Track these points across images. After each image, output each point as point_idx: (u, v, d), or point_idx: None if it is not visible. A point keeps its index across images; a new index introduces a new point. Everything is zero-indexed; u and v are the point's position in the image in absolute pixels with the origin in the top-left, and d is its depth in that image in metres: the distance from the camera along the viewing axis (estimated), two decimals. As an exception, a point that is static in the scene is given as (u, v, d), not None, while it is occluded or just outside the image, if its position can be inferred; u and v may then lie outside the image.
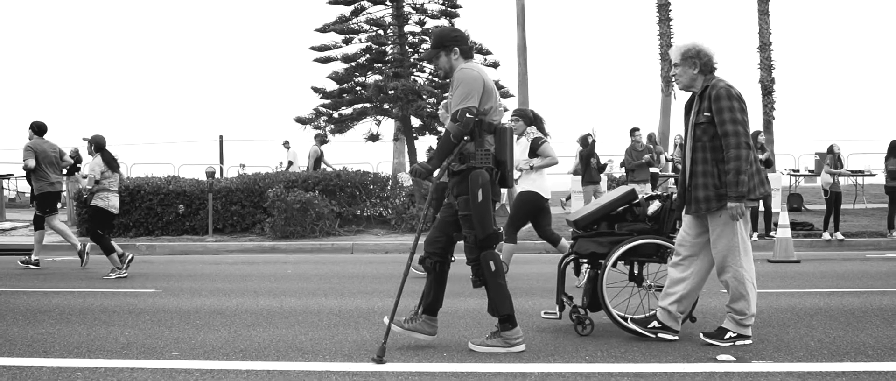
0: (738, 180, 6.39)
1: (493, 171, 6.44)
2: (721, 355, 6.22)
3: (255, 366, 6.03)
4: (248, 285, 10.93)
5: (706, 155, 6.62)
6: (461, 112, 6.24)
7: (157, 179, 19.69)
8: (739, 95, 6.57)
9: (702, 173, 6.63)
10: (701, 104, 6.67)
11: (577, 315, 7.26)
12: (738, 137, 6.42)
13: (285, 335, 7.22)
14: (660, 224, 7.24)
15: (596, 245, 7.20)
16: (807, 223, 18.32)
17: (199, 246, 17.30)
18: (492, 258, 6.43)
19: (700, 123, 6.63)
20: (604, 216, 7.36)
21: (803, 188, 26.32)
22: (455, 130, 6.27)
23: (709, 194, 6.58)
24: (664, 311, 6.84)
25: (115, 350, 6.65)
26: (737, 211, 6.46)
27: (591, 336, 7.02)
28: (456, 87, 6.38)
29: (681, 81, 6.79)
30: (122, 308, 8.85)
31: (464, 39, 6.67)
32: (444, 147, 6.37)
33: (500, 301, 6.45)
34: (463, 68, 6.44)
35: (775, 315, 8.04)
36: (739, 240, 6.61)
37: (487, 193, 6.30)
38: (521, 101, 30.19)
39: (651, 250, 7.19)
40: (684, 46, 6.77)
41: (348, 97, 22.66)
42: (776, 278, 11.21)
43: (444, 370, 5.87)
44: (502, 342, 6.46)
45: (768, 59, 31.11)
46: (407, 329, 6.62)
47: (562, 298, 7.53)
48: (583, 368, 5.88)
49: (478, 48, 22.41)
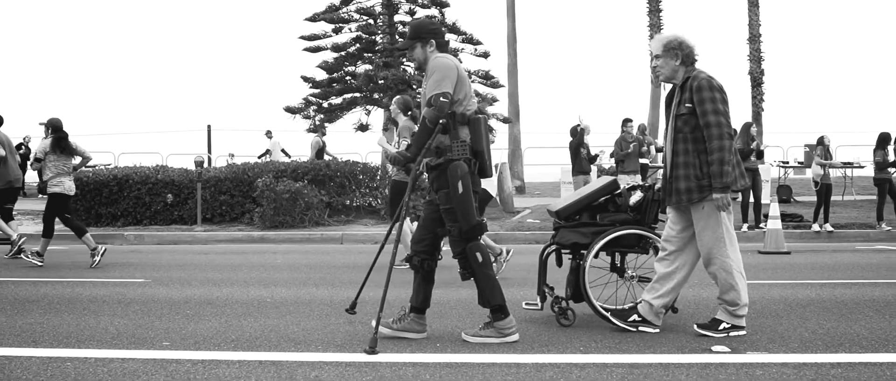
0: (722, 171, 6.38)
1: (471, 161, 6.41)
2: (715, 346, 6.19)
3: (247, 356, 5.98)
4: (238, 275, 10.88)
5: (687, 146, 6.59)
6: (435, 97, 6.23)
7: (145, 169, 19.59)
8: (720, 86, 6.55)
9: (683, 165, 6.60)
10: (682, 95, 6.64)
11: (559, 307, 7.22)
12: (721, 128, 6.40)
13: (277, 326, 7.16)
14: (642, 215, 7.20)
15: (578, 235, 7.16)
16: (796, 215, 18.33)
17: (187, 236, 17.22)
18: (478, 249, 6.39)
19: (681, 114, 6.60)
20: (586, 207, 7.31)
21: (792, 180, 26.34)
22: (430, 114, 6.26)
23: (690, 185, 6.55)
24: (647, 305, 6.80)
25: (105, 340, 6.59)
26: (722, 202, 6.44)
27: (584, 327, 6.98)
28: (430, 74, 6.38)
29: (663, 73, 6.76)
30: (112, 298, 8.78)
31: (440, 33, 6.71)
32: (422, 133, 6.36)
33: (490, 292, 6.41)
34: (437, 57, 6.47)
35: (768, 306, 8.02)
36: (724, 231, 6.58)
37: (467, 184, 6.29)
38: (510, 90, 30.21)
39: (633, 240, 7.15)
40: (666, 38, 6.75)
41: (338, 87, 22.64)
42: (768, 269, 11.20)
43: (437, 360, 5.83)
44: (496, 333, 6.42)
45: (758, 50, 31.23)
46: (396, 330, 6.57)
47: (543, 289, 7.48)
48: (577, 359, 5.84)
49: (468, 38, 22.40)
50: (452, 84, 6.32)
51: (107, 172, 19.48)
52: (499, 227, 17.96)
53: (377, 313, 6.39)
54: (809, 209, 18.66)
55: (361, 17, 22.36)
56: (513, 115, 29.56)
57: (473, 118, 6.45)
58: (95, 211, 18.79)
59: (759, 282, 9.80)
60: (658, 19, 31.67)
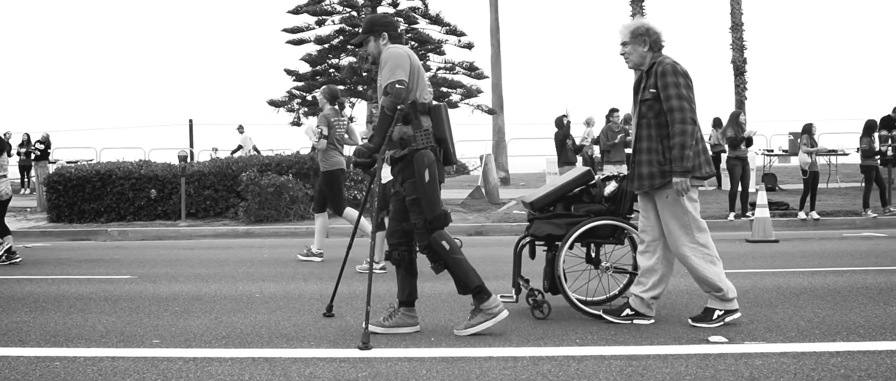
0: (682, 155, 6.35)
1: (436, 150, 6.39)
2: (713, 336, 6.14)
3: (240, 353, 5.89)
4: (225, 270, 10.77)
5: (650, 132, 6.57)
6: (390, 85, 6.20)
7: (128, 164, 19.42)
8: (685, 71, 6.52)
9: (646, 150, 6.58)
10: (647, 81, 6.62)
11: (533, 299, 7.15)
12: (683, 113, 6.37)
13: (268, 321, 7.08)
14: (616, 205, 7.14)
15: (552, 227, 7.10)
16: (782, 203, 18.32)
17: (172, 231, 17.09)
18: (443, 238, 6.34)
19: (645, 99, 6.58)
20: (560, 198, 7.26)
21: (777, 168, 26.38)
22: (388, 102, 6.23)
23: (653, 170, 6.53)
24: (637, 298, 6.75)
25: (94, 338, 6.49)
26: (681, 186, 6.39)
27: (579, 319, 6.91)
28: (383, 64, 6.34)
29: (631, 60, 6.72)
30: (99, 295, 8.67)
31: (394, 26, 6.71)
32: (383, 122, 6.32)
33: (465, 277, 6.36)
34: (389, 48, 6.45)
35: (762, 295, 7.99)
36: (690, 218, 6.53)
37: (434, 173, 6.29)
38: (494, 81, 30.11)
39: (608, 231, 7.10)
40: (633, 25, 6.71)
41: (322, 79, 22.51)
42: (758, 257, 11.17)
43: (433, 355, 5.77)
44: (484, 316, 6.35)
45: (740, 39, 31.23)
46: (388, 327, 6.49)
47: (518, 281, 7.42)
48: (575, 351, 5.78)
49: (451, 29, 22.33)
50: (406, 72, 6.30)
51: (89, 168, 19.30)
52: (485, 219, 17.90)
53: (365, 307, 6.30)
54: (794, 197, 18.67)
55: (345, 8, 22.25)
56: (497, 106, 29.47)
57: (434, 106, 6.45)
58: (78, 207, 18.61)
59: (751, 271, 9.77)
60: (640, 8, 31.54)
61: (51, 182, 18.82)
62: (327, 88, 11.66)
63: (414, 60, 6.44)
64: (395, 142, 6.38)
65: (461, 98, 22.17)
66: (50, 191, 18.78)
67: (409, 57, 6.41)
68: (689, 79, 6.50)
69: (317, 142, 11.23)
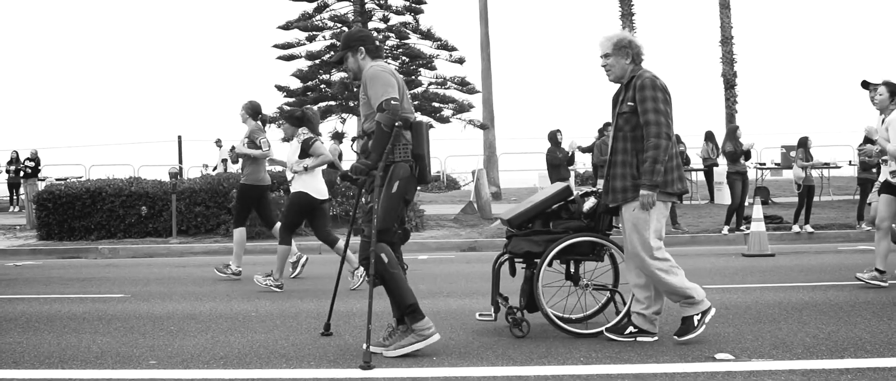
0: (653, 169, 6.29)
1: (412, 165, 6.33)
2: (719, 353, 6.05)
3: (239, 374, 5.77)
4: (218, 288, 10.65)
5: (626, 145, 6.52)
6: (386, 101, 6.12)
7: (118, 181, 19.29)
8: (664, 86, 6.47)
9: (621, 163, 6.53)
10: (626, 94, 6.56)
11: (513, 317, 7.03)
12: (659, 127, 6.31)
13: (265, 341, 6.96)
14: (596, 222, 7.03)
15: (530, 244, 6.99)
16: (776, 216, 18.31)
17: (163, 248, 16.96)
18: (383, 250, 6.21)
19: (623, 112, 6.53)
20: (538, 214, 7.14)
21: (769, 181, 26.38)
22: (385, 119, 6.13)
23: (626, 183, 6.48)
24: (639, 316, 6.67)
25: (89, 360, 6.36)
26: (647, 199, 6.33)
27: (584, 338, 6.81)
28: (370, 83, 6.28)
29: (614, 72, 6.65)
30: (92, 315, 8.54)
31: (370, 39, 6.65)
32: (381, 139, 6.19)
33: (400, 294, 6.24)
34: (372, 66, 6.38)
35: (764, 311, 7.90)
36: (651, 233, 6.45)
37: (403, 188, 6.25)
38: (485, 96, 30.06)
39: (587, 248, 6.99)
40: (616, 37, 6.65)
41: (313, 95, 22.42)
42: (755, 272, 11.11)
43: (436, 374, 5.65)
44: (416, 337, 6.22)
45: (730, 53, 31.33)
46: (395, 349, 6.35)
47: (497, 298, 7.31)
48: (580, 370, 5.68)
49: (443, 44, 22.27)
50: (395, 89, 6.26)
51: (79, 185, 19.17)
52: (478, 234, 17.83)
53: (366, 326, 6.19)
54: (787, 211, 18.66)
55: (335, 24, 22.19)
56: (488, 120, 29.40)
57: (416, 123, 6.40)
58: (68, 224, 18.46)
59: (750, 286, 9.70)
60: (631, 23, 31.60)
61: (40, 199, 18.67)
62: (249, 103, 11.58)
63: (397, 77, 6.41)
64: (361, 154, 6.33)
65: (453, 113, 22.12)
66: (39, 208, 18.63)
67: (393, 74, 6.37)
68: (667, 94, 6.45)
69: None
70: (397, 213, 6.31)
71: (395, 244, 6.51)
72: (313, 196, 10.41)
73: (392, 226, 6.27)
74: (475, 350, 6.41)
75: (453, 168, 36.77)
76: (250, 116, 11.52)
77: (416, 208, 19.30)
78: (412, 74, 21.74)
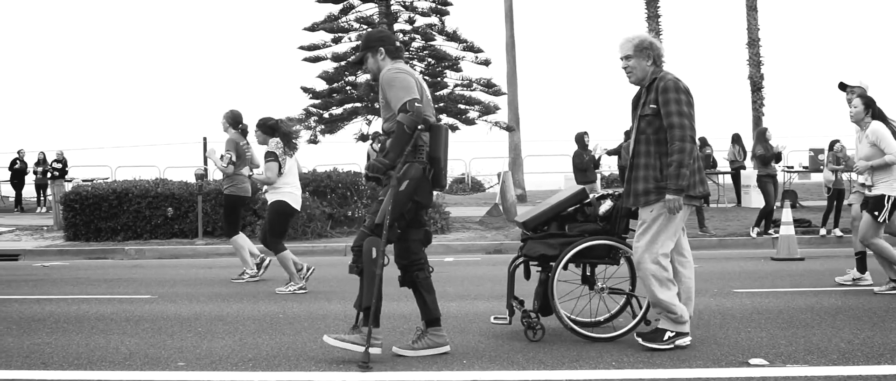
0: (679, 173, 6.19)
1: (426, 168, 6.25)
2: (753, 359, 5.97)
3: (268, 377, 5.75)
4: (245, 289, 10.65)
5: (649, 148, 6.43)
6: (410, 102, 6.05)
7: (144, 182, 19.34)
8: (687, 88, 6.38)
9: (643, 166, 6.43)
10: (647, 96, 6.47)
11: (527, 320, 6.96)
12: (684, 130, 6.23)
13: (293, 343, 6.92)
14: (612, 225, 6.95)
15: (546, 247, 6.93)
16: (804, 220, 18.13)
17: (188, 250, 16.99)
18: (374, 245, 6.14)
19: (645, 115, 6.43)
20: (554, 217, 7.08)
21: (797, 184, 26.18)
22: (408, 120, 6.05)
23: (649, 186, 6.38)
24: (670, 320, 6.57)
25: (118, 361, 6.35)
26: (674, 204, 6.24)
27: (614, 342, 6.74)
28: (389, 86, 6.22)
29: (635, 74, 6.56)
30: (120, 316, 8.54)
31: (390, 40, 6.60)
32: (401, 139, 6.13)
33: (368, 292, 6.16)
34: (390, 69, 6.31)
35: (796, 316, 7.81)
36: (662, 240, 6.37)
37: (412, 188, 6.16)
38: (510, 98, 29.99)
39: (603, 251, 6.91)
40: (637, 38, 6.56)
41: (338, 97, 22.41)
42: (785, 276, 10.99)
43: (465, 378, 5.62)
44: (361, 339, 6.14)
45: (757, 55, 31.12)
46: (418, 350, 6.33)
47: (511, 302, 7.21)
48: (613, 374, 5.62)
49: (469, 46, 22.23)
50: (416, 91, 6.18)
51: (106, 187, 19.24)
52: (504, 236, 17.78)
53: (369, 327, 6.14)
54: (816, 214, 18.47)
55: (361, 25, 22.16)
56: (513, 122, 29.31)
57: (435, 126, 6.33)
58: (95, 225, 18.51)
59: (782, 290, 9.59)
60: (657, 25, 31.45)
61: (68, 200, 18.74)
62: (230, 112, 11.66)
63: (417, 79, 6.36)
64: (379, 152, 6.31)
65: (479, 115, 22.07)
66: (67, 209, 18.70)
67: (413, 76, 6.32)
68: (690, 96, 6.37)
69: (223, 167, 11.31)
70: (399, 213, 6.22)
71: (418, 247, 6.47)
72: (292, 204, 10.65)
73: (392, 224, 6.18)
74: (505, 354, 6.35)
75: (478, 170, 36.71)
76: (231, 126, 11.61)
77: (441, 209, 19.27)
78: (438, 76, 21.69)
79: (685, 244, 6.68)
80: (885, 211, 9.07)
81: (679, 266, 6.61)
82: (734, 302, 8.66)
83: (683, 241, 6.67)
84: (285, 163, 10.47)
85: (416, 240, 6.48)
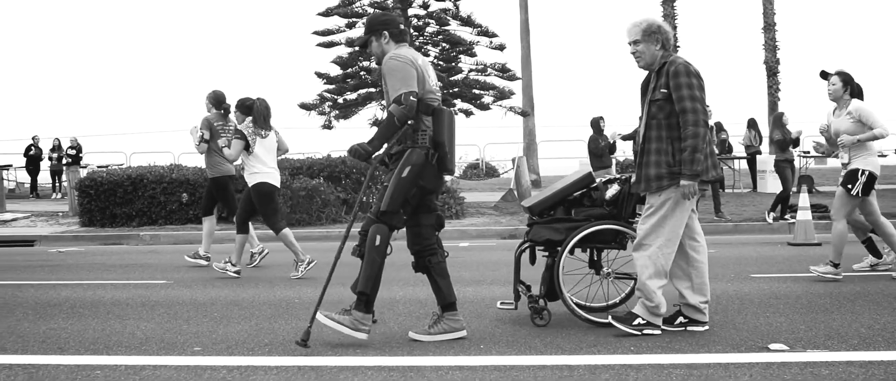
0: (693, 158, 6.13)
1: (429, 152, 6.19)
2: (773, 344, 5.91)
3: (284, 362, 5.72)
4: (261, 274, 10.63)
5: (661, 133, 6.35)
6: (405, 95, 6.01)
7: (159, 168, 19.33)
8: (697, 72, 6.30)
9: (655, 151, 6.35)
10: (658, 81, 6.39)
11: (533, 306, 6.92)
12: (697, 115, 6.16)
13: (309, 328, 6.88)
14: (618, 209, 6.89)
15: (551, 232, 6.86)
16: (820, 205, 18.01)
17: (204, 235, 16.96)
18: (379, 232, 6.17)
19: (656, 99, 6.36)
20: (560, 201, 7.02)
21: (812, 170, 26.05)
22: (400, 112, 6.02)
23: (661, 171, 6.30)
24: (688, 306, 6.53)
25: (134, 346, 6.34)
26: (689, 189, 6.18)
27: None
28: (389, 75, 6.16)
29: (644, 59, 6.47)
30: (135, 301, 8.53)
31: (394, 23, 6.48)
32: (387, 129, 6.12)
33: (366, 277, 6.17)
34: (391, 56, 6.23)
35: (815, 301, 7.74)
36: (668, 226, 6.31)
37: (415, 173, 6.12)
38: (524, 83, 29.94)
39: (609, 236, 6.85)
40: (645, 22, 6.46)
41: (353, 82, 22.35)
42: (803, 261, 10.89)
43: (483, 363, 5.58)
44: (351, 322, 6.16)
45: (773, 39, 30.97)
46: (435, 334, 6.31)
47: (517, 287, 7.17)
48: (632, 359, 5.57)
49: (483, 30, 22.13)
50: (415, 81, 6.13)
51: (121, 172, 19.24)
52: (518, 222, 17.71)
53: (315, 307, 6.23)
54: (831, 199, 18.34)
55: (375, 10, 22.02)
56: (527, 107, 29.23)
57: (438, 109, 6.26)
58: (110, 211, 18.51)
59: (800, 275, 9.53)
60: (672, 9, 31.28)
61: (83, 186, 18.75)
62: (213, 92, 11.63)
63: (419, 65, 6.26)
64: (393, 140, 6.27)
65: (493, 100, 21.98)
66: (82, 195, 18.71)
67: (414, 63, 6.22)
68: (701, 79, 6.30)
69: (197, 144, 11.38)
70: (403, 199, 6.18)
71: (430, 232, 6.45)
72: (273, 183, 10.70)
73: (397, 210, 6.17)
74: (523, 338, 6.32)
75: (492, 156, 36.66)
76: (213, 106, 11.59)
77: (456, 195, 19.22)
78: (452, 62, 21.56)
79: (697, 228, 6.61)
80: (859, 184, 9.05)
81: (692, 251, 6.55)
82: (752, 287, 8.60)
83: (696, 225, 6.60)
84: (256, 143, 10.49)
85: (428, 225, 6.45)
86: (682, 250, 6.52)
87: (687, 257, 6.54)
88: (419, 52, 21.36)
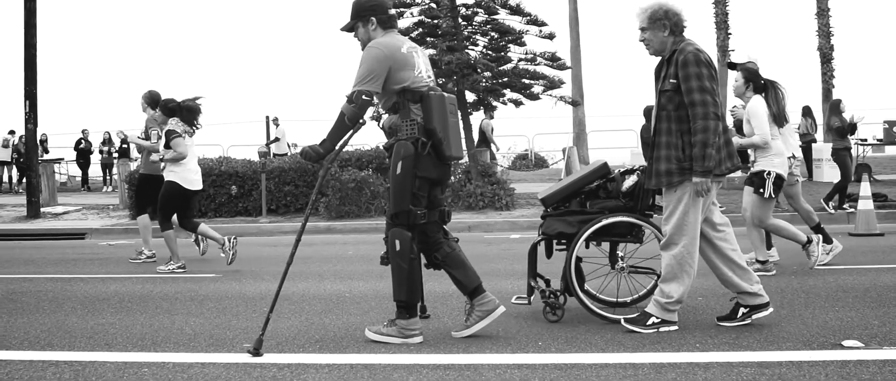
0: (704, 154, 5.83)
1: (419, 141, 5.91)
2: (846, 340, 5.63)
3: (336, 359, 5.53)
4: (310, 268, 10.47)
5: (671, 125, 6.05)
6: (357, 94, 5.80)
7: (208, 161, 19.33)
8: (708, 60, 5.98)
9: (665, 145, 6.06)
10: (668, 70, 6.09)
11: (547, 300, 6.66)
12: (706, 107, 5.84)
13: (361, 323, 6.69)
14: (635, 201, 6.61)
15: (564, 225, 6.63)
16: (881, 194, 17.56)
17: (253, 228, 16.92)
18: (398, 237, 5.92)
19: (665, 90, 6.06)
20: (575, 193, 6.76)
21: (870, 158, 25.48)
22: (350, 111, 5.82)
23: (671, 167, 6.01)
24: (742, 294, 6.23)
25: (182, 342, 6.19)
26: (702, 186, 5.88)
27: (697, 323, 6.42)
28: (359, 65, 5.92)
29: (652, 46, 6.19)
30: (184, 295, 8.41)
31: (382, 8, 6.13)
32: (338, 130, 5.91)
33: (398, 285, 5.94)
34: (370, 46, 5.96)
35: (885, 294, 7.43)
36: (690, 221, 6.02)
37: (408, 167, 5.87)
38: (574, 73, 29.67)
39: (625, 229, 6.58)
40: (650, 8, 6.14)
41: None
42: (867, 252, 10.56)
43: (544, 361, 5.35)
44: (398, 332, 5.96)
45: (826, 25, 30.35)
46: (472, 326, 6.09)
47: (531, 282, 6.88)
48: (699, 357, 5.31)
49: (532, 19, 21.72)
50: (380, 80, 5.87)
51: (170, 165, 19.21)
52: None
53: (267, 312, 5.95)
54: (891, 188, 17.92)
55: (423, 0, 21.75)
56: (577, 97, 28.92)
57: (426, 95, 5.95)
58: (159, 204, 18.50)
59: (864, 267, 9.19)
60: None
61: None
62: (148, 92, 11.57)
63: (399, 54, 5.95)
64: (384, 131, 6.14)
65: (543, 90, 21.59)
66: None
67: (392, 54, 5.92)
68: (712, 69, 5.97)
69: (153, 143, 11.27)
70: (408, 193, 5.93)
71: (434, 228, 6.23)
72: (183, 186, 10.70)
73: (406, 208, 5.92)
74: (582, 335, 6.09)
75: (541, 146, 36.33)
76: (149, 106, 11.51)
77: (506, 186, 18.99)
78: (502, 51, 21.18)
79: (718, 219, 6.29)
80: (768, 186, 8.71)
81: (721, 241, 6.24)
82: (817, 280, 8.29)
83: (715, 217, 6.26)
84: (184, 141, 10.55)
85: (432, 222, 6.21)
86: (711, 245, 6.25)
87: (716, 248, 6.25)
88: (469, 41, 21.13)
